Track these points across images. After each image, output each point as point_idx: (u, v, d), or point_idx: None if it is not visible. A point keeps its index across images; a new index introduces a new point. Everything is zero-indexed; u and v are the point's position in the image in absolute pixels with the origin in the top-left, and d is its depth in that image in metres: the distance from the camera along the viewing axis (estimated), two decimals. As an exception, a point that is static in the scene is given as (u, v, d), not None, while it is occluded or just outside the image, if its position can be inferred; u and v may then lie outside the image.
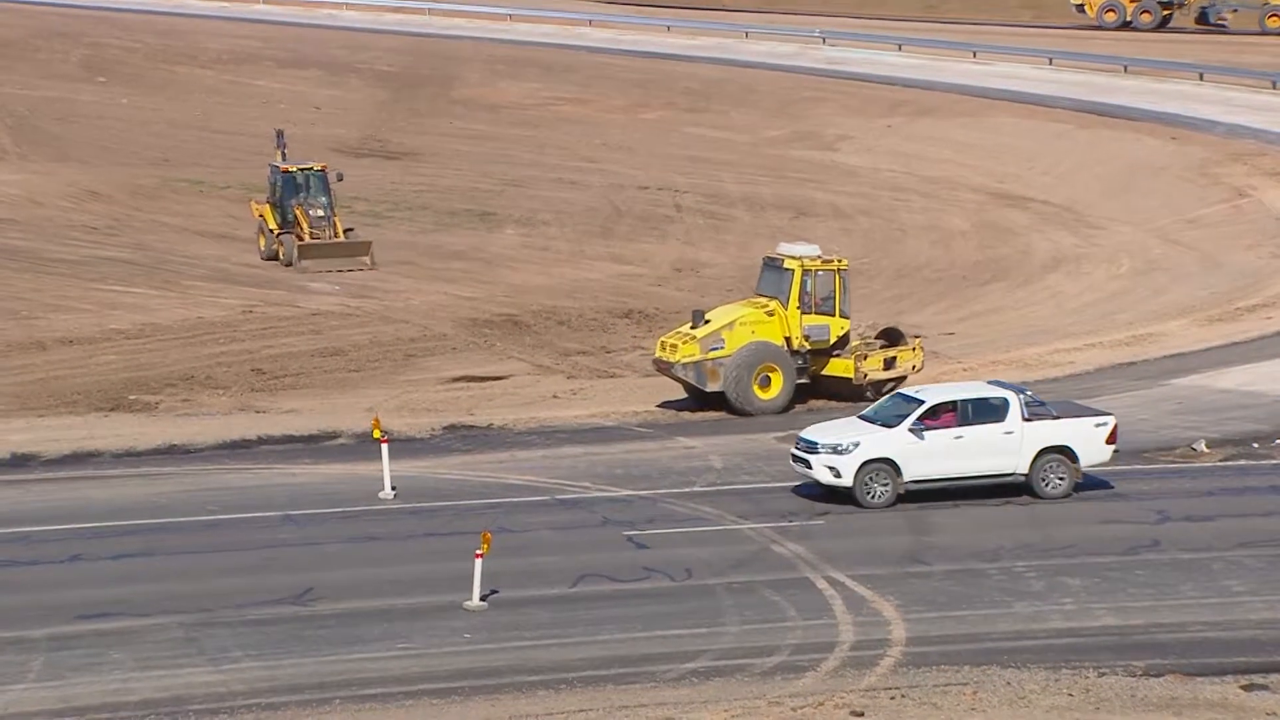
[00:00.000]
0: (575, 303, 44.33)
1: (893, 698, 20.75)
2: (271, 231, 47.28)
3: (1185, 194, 55.21)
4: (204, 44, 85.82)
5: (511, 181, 60.05)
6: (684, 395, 33.94)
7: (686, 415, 33.71)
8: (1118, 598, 23.87)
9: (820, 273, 33.63)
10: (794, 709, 20.47)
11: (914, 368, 34.56)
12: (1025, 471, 27.42)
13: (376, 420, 29.57)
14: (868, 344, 34.46)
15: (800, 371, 33.60)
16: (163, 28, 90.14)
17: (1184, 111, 63.93)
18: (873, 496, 27.19)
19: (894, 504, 27.20)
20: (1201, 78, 69.23)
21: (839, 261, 34.10)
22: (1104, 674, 21.34)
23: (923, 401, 27.51)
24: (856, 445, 27.10)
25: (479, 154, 64.94)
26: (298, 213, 46.96)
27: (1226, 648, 22.22)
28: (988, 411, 27.37)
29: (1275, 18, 75.55)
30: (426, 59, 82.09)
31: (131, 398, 34.34)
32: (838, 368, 33.88)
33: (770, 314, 33.51)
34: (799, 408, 33.43)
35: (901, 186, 59.78)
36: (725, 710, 20.43)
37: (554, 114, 72.25)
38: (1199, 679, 21.17)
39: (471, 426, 32.61)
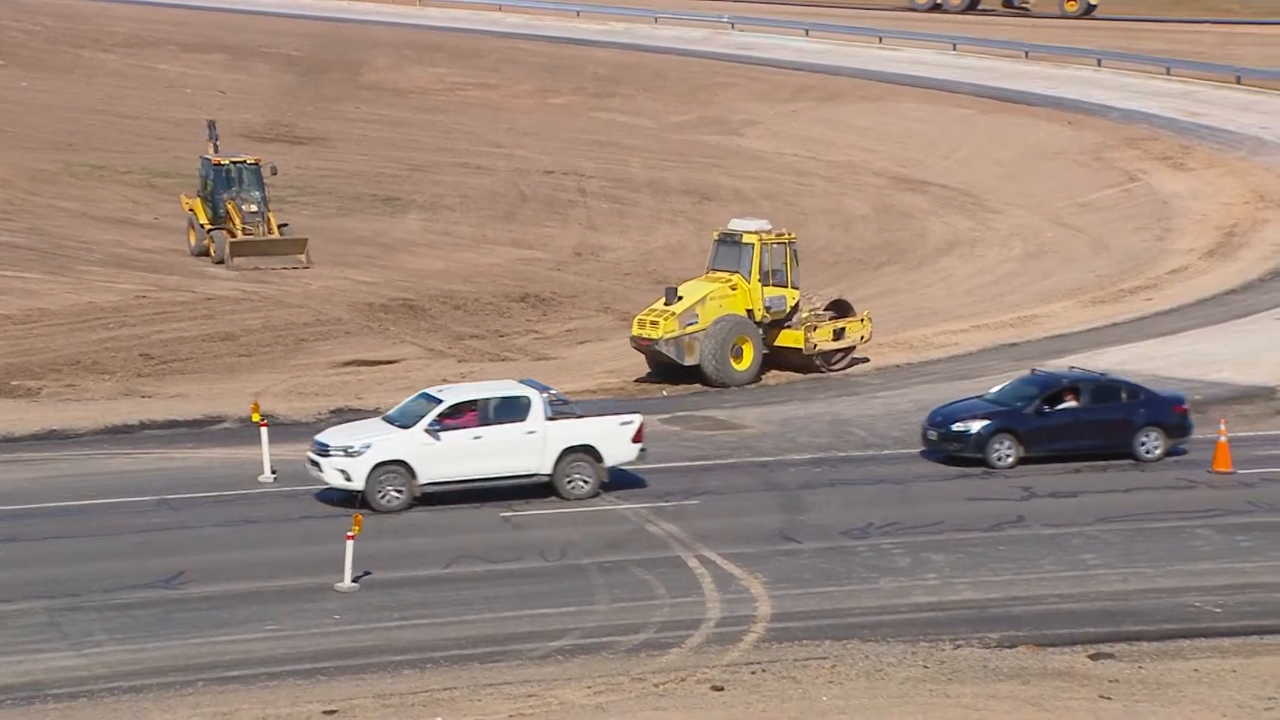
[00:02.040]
0: (473, 287, 44.44)
1: (753, 672, 21.05)
2: (202, 227, 45.59)
3: (1079, 178, 56.04)
4: (108, 27, 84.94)
5: (417, 167, 59.98)
6: (649, 369, 34.87)
7: (583, 396, 33.95)
8: (979, 572, 24.33)
9: (774, 245, 34.63)
10: (656, 685, 20.72)
11: (862, 338, 35.64)
12: (549, 471, 26.82)
13: (255, 404, 29.59)
14: (817, 315, 35.30)
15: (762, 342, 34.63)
16: (64, 10, 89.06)
17: (1081, 97, 64.82)
18: (386, 500, 26.20)
19: (409, 508, 26.20)
20: (1099, 63, 70.17)
21: (789, 235, 35.24)
22: (960, 646, 21.77)
23: (441, 401, 26.72)
24: (368, 447, 26.19)
25: (386, 139, 64.79)
26: (230, 208, 45.42)
27: (1078, 619, 22.73)
28: (509, 411, 26.71)
29: (1073, 2, 77.72)
30: (335, 44, 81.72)
31: (14, 383, 34.09)
32: (789, 339, 34.90)
33: (734, 288, 34.41)
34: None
35: (805, 171, 60.24)
36: (588, 687, 20.66)
37: (462, 99, 72.18)
38: (1050, 649, 21.65)
39: (358, 410, 32.56)
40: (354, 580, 23.63)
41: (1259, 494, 27.62)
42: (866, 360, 35.96)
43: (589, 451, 27.04)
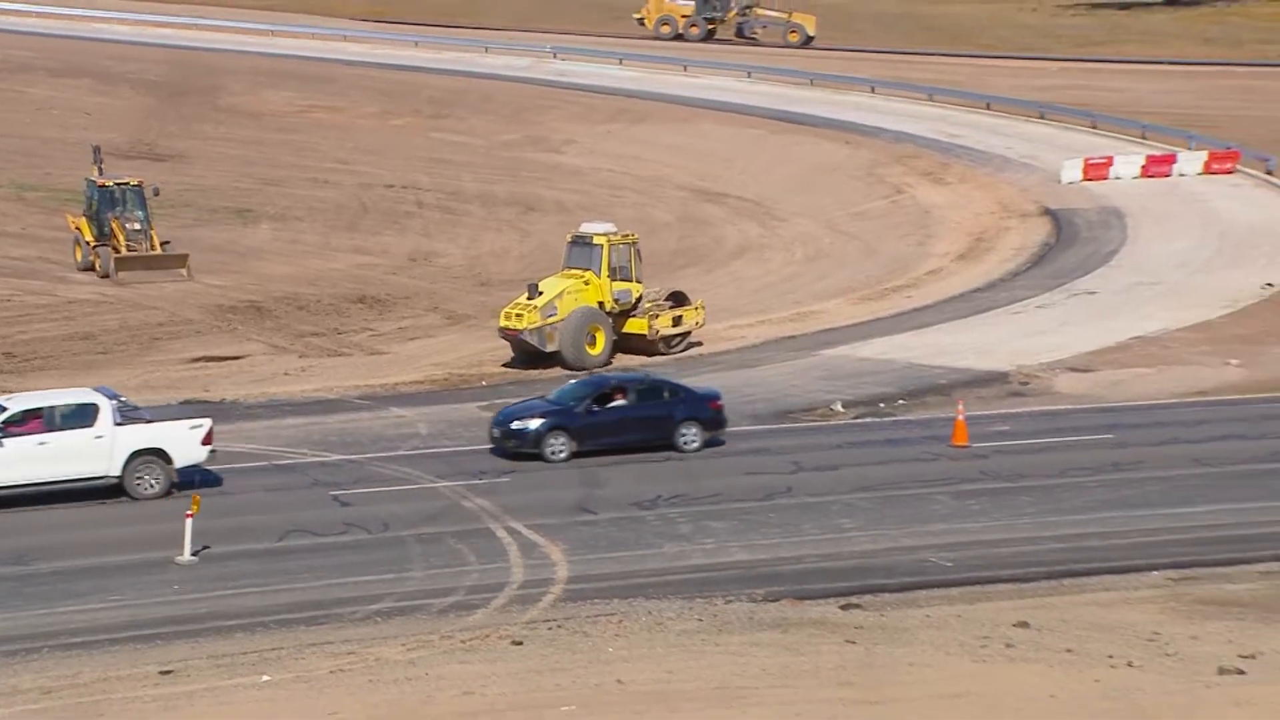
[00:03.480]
0: (316, 290, 44.09)
1: (550, 628, 21.32)
2: (88, 244, 44.36)
3: (854, 191, 57.24)
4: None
5: (270, 181, 59.20)
6: (513, 356, 35.38)
7: (402, 389, 34.00)
8: (751, 537, 24.86)
9: (620, 245, 35.61)
10: (463, 641, 20.90)
11: (697, 324, 36.69)
12: (118, 473, 25.75)
13: (106, 397, 29.01)
14: (658, 305, 36.18)
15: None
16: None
17: (857, 119, 66.11)
18: None
19: None
20: (873, 90, 71.69)
21: (633, 236, 36.46)
22: (730, 601, 22.23)
23: (5, 409, 25.67)
24: None
25: (241, 157, 63.78)
26: (114, 226, 44.20)
27: (833, 575, 23.35)
28: (76, 417, 25.72)
29: (795, 34, 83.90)
30: (193, 70, 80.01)
31: (-121, 382, 33.04)
32: (634, 326, 35.77)
33: (587, 283, 35.25)
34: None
35: (618, 185, 60.66)
36: (402, 644, 20.76)
37: (311, 121, 71.28)
38: (807, 602, 22.22)
39: (205, 401, 32.24)
40: (193, 554, 23.41)
41: (990, 464, 28.54)
42: (700, 344, 36.64)
43: (159, 454, 25.99)
